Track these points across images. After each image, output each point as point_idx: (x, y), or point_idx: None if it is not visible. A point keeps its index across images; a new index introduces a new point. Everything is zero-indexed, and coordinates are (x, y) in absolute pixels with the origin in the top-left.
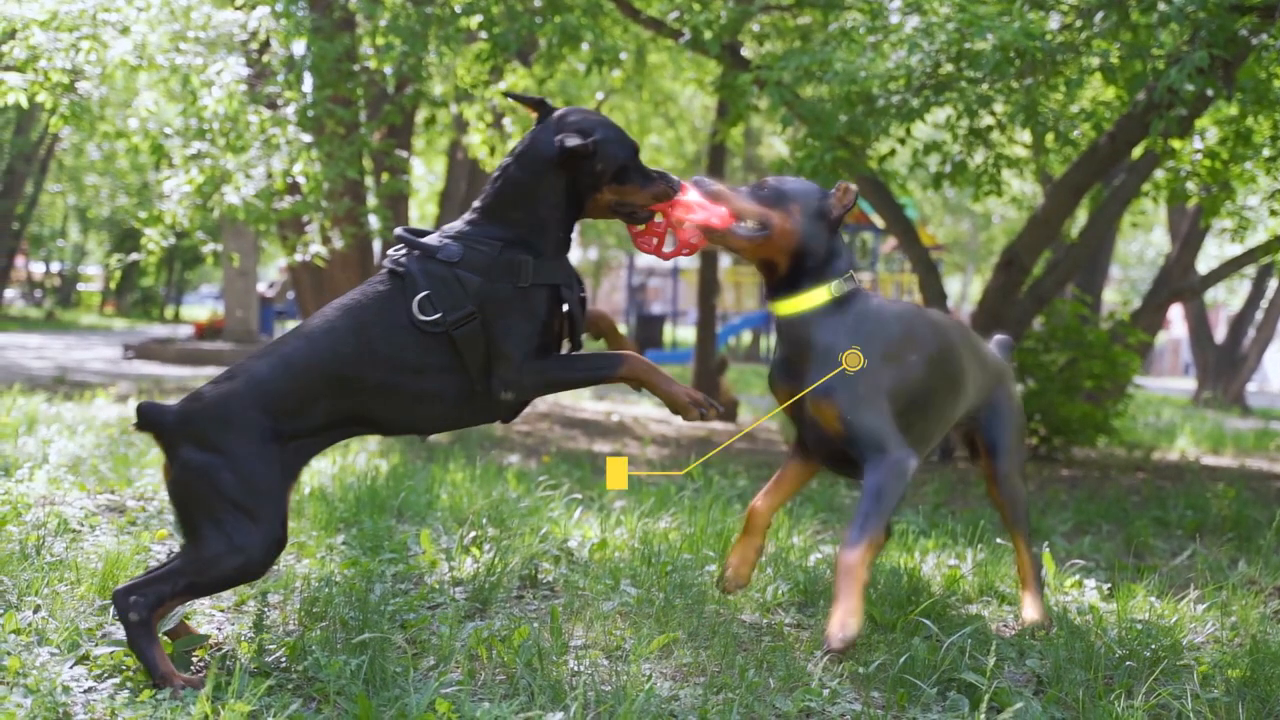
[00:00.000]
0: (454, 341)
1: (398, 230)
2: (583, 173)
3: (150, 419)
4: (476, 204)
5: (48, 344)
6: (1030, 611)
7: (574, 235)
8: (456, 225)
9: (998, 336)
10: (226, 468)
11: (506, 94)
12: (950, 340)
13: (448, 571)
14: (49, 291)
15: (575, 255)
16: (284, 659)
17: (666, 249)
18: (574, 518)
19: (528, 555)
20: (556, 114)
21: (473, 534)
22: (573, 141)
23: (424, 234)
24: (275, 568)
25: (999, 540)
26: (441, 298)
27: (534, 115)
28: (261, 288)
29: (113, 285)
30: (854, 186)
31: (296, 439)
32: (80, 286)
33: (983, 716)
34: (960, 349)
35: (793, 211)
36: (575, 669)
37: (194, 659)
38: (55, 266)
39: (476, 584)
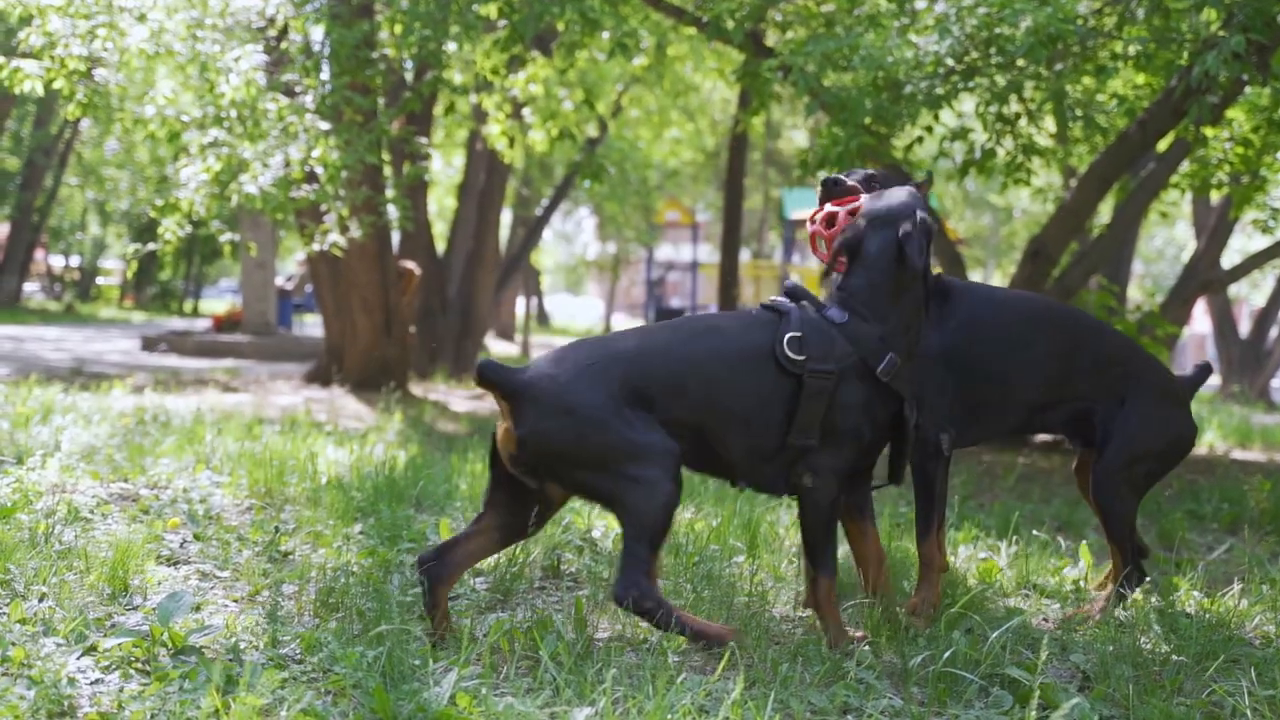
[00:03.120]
0: (800, 388)
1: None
2: None
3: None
4: (856, 285)
5: (66, 336)
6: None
7: (595, 232)
8: (844, 294)
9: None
10: (602, 426)
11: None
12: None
13: None
14: (68, 285)
15: (592, 250)
16: (299, 651)
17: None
18: (597, 507)
19: (550, 545)
20: (920, 216)
21: None
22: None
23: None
24: (291, 557)
25: (1035, 532)
26: (813, 346)
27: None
28: (279, 281)
29: (130, 276)
30: (931, 173)
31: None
32: (99, 280)
33: (1033, 714)
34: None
35: None
36: (601, 662)
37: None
38: (74, 260)
39: (497, 575)
